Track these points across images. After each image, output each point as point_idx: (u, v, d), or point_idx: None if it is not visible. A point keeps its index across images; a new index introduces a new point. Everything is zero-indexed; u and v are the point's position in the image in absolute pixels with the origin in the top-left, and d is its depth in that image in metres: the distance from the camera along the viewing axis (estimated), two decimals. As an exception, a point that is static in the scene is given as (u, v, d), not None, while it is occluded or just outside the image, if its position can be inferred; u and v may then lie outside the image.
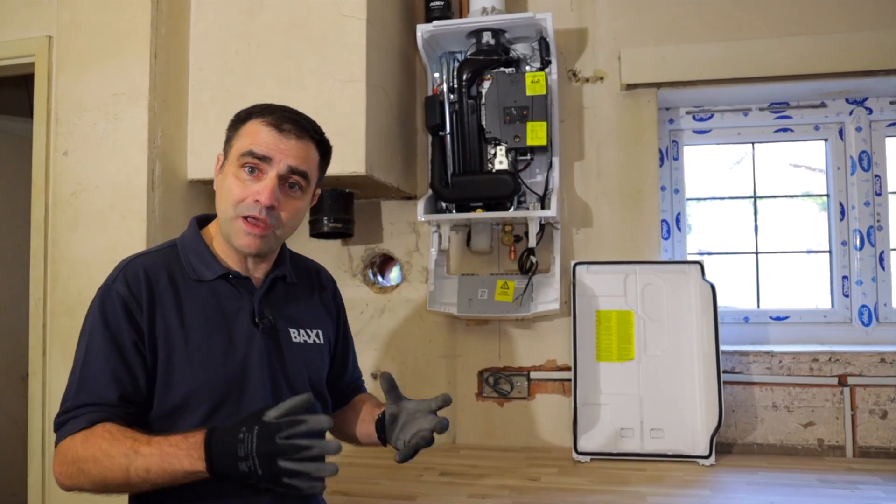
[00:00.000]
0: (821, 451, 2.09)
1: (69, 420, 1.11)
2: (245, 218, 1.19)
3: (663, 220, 2.39)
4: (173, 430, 1.11)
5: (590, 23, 2.31)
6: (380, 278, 2.49)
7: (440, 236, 2.21)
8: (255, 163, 1.20)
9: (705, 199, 2.52)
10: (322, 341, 1.37)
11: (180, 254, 1.25)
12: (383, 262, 2.51)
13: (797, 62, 2.12)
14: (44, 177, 2.01)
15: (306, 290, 1.40)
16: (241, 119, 1.26)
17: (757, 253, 2.45)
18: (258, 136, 1.20)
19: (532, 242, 2.10)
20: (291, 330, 1.31)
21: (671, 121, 2.43)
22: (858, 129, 2.32)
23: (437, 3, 2.22)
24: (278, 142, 1.20)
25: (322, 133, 1.29)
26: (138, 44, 1.94)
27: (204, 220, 1.34)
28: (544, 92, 2.02)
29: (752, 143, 2.46)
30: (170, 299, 1.19)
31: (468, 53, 2.13)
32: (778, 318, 2.36)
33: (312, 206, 1.39)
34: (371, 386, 2.39)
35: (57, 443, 1.12)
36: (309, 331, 1.34)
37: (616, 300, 2.14)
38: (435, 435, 1.23)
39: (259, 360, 1.22)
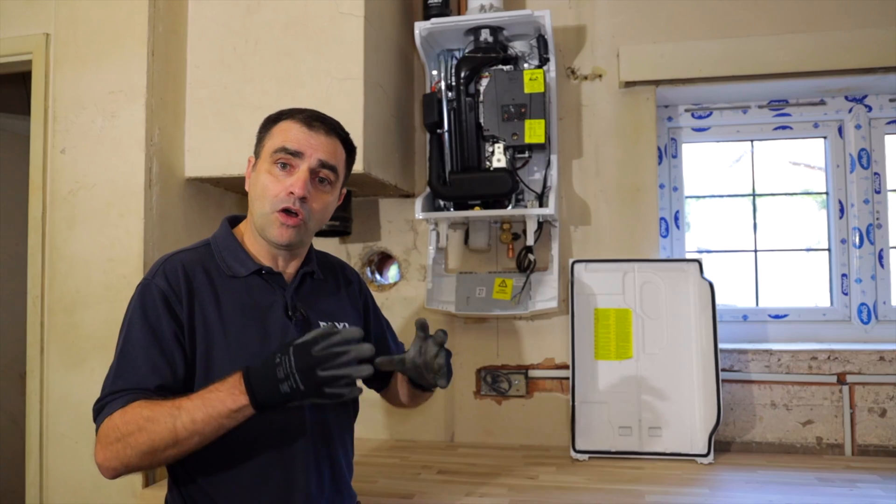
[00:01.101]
0: (819, 449, 2.09)
1: (106, 405, 1.14)
2: (281, 211, 1.25)
3: (662, 218, 2.38)
4: None
5: (588, 20, 2.30)
6: (378, 276, 2.49)
7: (438, 234, 2.21)
8: (288, 158, 1.26)
9: (704, 197, 2.51)
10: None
11: (214, 252, 1.30)
12: (381, 260, 2.50)
13: (796, 59, 2.11)
14: (41, 174, 2.00)
15: (333, 285, 1.46)
16: (271, 121, 1.32)
17: (756, 251, 2.45)
18: (289, 133, 1.27)
19: (530, 240, 2.10)
20: (321, 322, 1.35)
21: (670, 118, 2.43)
22: (858, 127, 2.32)
23: (435, 0, 2.21)
24: (308, 137, 1.27)
25: (347, 133, 1.37)
26: (136, 41, 1.93)
27: (234, 220, 1.39)
28: (542, 89, 2.02)
29: (752, 141, 2.46)
30: (208, 293, 1.24)
31: (466, 51, 2.13)
32: (777, 317, 2.35)
33: (339, 204, 1.42)
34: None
35: (97, 430, 1.14)
36: (337, 323, 1.39)
37: (614, 298, 2.13)
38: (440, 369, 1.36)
39: None
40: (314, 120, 1.29)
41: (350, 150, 1.38)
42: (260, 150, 1.31)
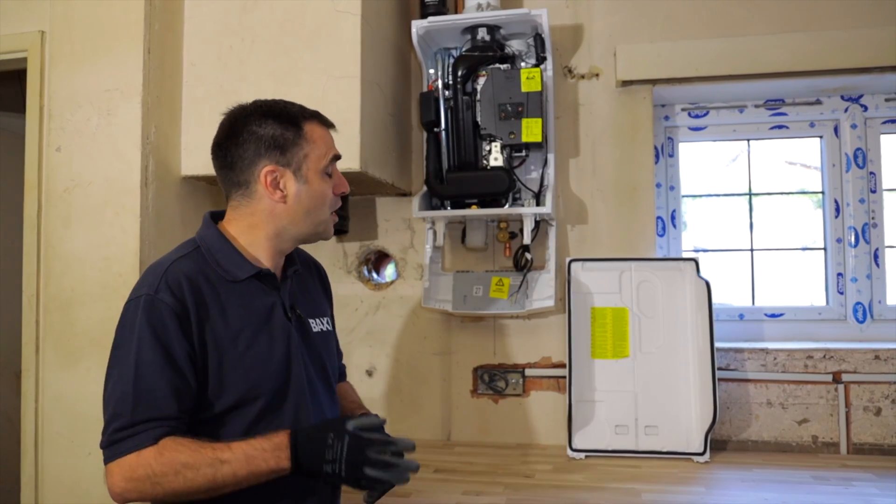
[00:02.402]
0: (815, 447, 2.09)
1: (130, 436, 1.09)
2: (334, 211, 1.30)
3: (658, 217, 2.38)
4: (226, 430, 1.17)
5: (585, 19, 2.30)
6: (375, 275, 2.48)
7: (435, 233, 2.20)
8: (335, 164, 1.29)
9: (700, 196, 2.51)
10: (330, 328, 1.43)
11: (206, 255, 1.24)
12: (378, 259, 2.50)
13: (793, 59, 2.12)
14: (36, 173, 1.99)
15: (309, 278, 1.44)
16: (289, 123, 1.24)
17: (752, 250, 2.45)
18: (327, 138, 1.29)
19: (527, 239, 2.10)
20: (311, 320, 1.35)
21: (666, 117, 2.43)
22: (853, 127, 2.32)
23: (433, -2, 2.21)
24: (332, 137, 1.31)
25: None
26: (132, 39, 1.92)
27: (214, 216, 1.33)
28: (539, 88, 2.02)
29: (748, 140, 2.46)
30: (214, 304, 1.19)
31: (463, 49, 2.13)
32: (773, 316, 2.36)
33: None
34: (366, 383, 2.39)
35: (112, 458, 1.09)
36: (321, 319, 1.38)
37: (611, 297, 2.14)
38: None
39: (296, 353, 1.26)
40: (327, 119, 1.32)
41: None
42: (301, 160, 1.23)
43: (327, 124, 1.31)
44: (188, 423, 1.15)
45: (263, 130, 1.23)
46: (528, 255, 2.21)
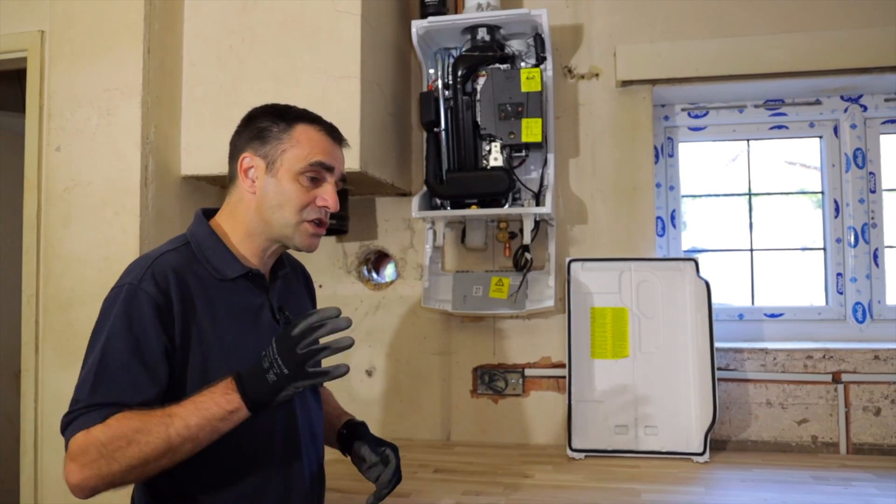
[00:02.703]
0: (815, 447, 2.09)
1: (79, 416, 1.07)
2: (311, 221, 1.23)
3: (658, 217, 2.38)
4: None
5: (585, 19, 2.30)
6: (374, 275, 2.48)
7: (435, 233, 2.20)
8: (321, 172, 1.23)
9: (700, 196, 2.52)
10: None
11: (196, 252, 1.23)
12: (378, 259, 2.50)
13: (792, 59, 2.12)
14: (36, 172, 2.00)
15: (295, 282, 1.43)
16: (282, 120, 1.24)
17: (752, 250, 2.45)
18: (319, 143, 1.23)
19: (527, 239, 2.10)
20: None
21: (666, 117, 2.43)
22: (853, 127, 2.32)
23: (433, -2, 2.21)
24: (335, 150, 1.26)
25: None
26: (131, 39, 1.92)
27: (206, 213, 1.32)
28: (539, 88, 2.02)
29: (748, 140, 2.46)
30: (201, 299, 1.17)
31: (463, 50, 2.13)
32: (772, 316, 2.36)
33: None
34: (366, 383, 2.39)
35: (67, 442, 1.07)
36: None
37: (611, 297, 2.14)
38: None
39: None
40: (336, 132, 1.28)
41: None
42: (277, 155, 1.22)
43: (333, 135, 1.26)
44: None
45: (256, 122, 1.25)
46: (528, 255, 2.21)
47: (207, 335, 1.16)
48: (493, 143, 2.07)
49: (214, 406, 1.04)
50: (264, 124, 1.24)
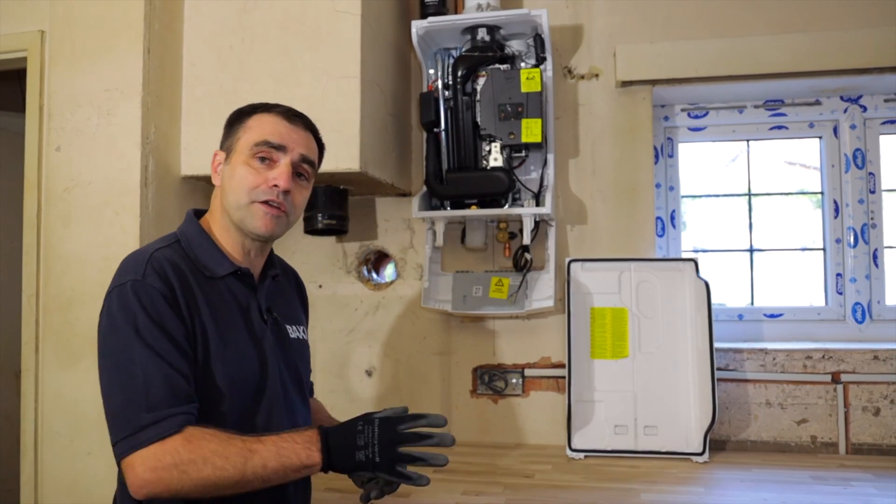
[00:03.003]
0: (814, 447, 2.09)
1: (152, 424, 1.04)
2: (262, 202, 1.21)
3: (658, 218, 2.39)
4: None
5: (585, 19, 2.30)
6: (374, 275, 2.49)
7: (435, 233, 2.21)
8: (269, 152, 1.22)
9: (700, 196, 2.52)
10: (306, 337, 1.41)
11: (186, 250, 1.22)
12: (378, 259, 2.50)
13: (792, 59, 2.12)
14: (36, 172, 1.99)
15: (287, 286, 1.43)
16: (244, 113, 1.27)
17: (751, 250, 2.46)
18: (269, 125, 1.23)
19: (527, 239, 2.10)
20: (288, 326, 1.32)
21: (666, 118, 2.43)
22: (853, 127, 2.32)
23: (433, -1, 2.21)
24: (290, 131, 1.24)
25: (318, 132, 1.34)
26: (131, 39, 1.92)
27: (197, 213, 1.32)
28: (539, 89, 2.02)
29: (747, 141, 2.46)
30: (200, 294, 1.17)
31: (463, 50, 2.13)
32: (772, 316, 2.36)
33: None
34: (365, 383, 2.39)
35: (132, 450, 1.03)
36: (298, 326, 1.37)
37: (610, 297, 2.14)
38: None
39: (271, 356, 1.24)
40: (293, 115, 1.27)
41: (321, 147, 1.35)
42: (233, 144, 1.25)
43: (288, 118, 1.25)
44: (197, 407, 1.11)
45: (228, 122, 1.30)
46: (528, 256, 2.21)
47: (208, 332, 1.16)
48: (493, 144, 2.08)
49: (295, 457, 1.06)
50: (231, 120, 1.29)
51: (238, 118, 1.28)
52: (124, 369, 1.07)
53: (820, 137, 2.39)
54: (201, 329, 1.15)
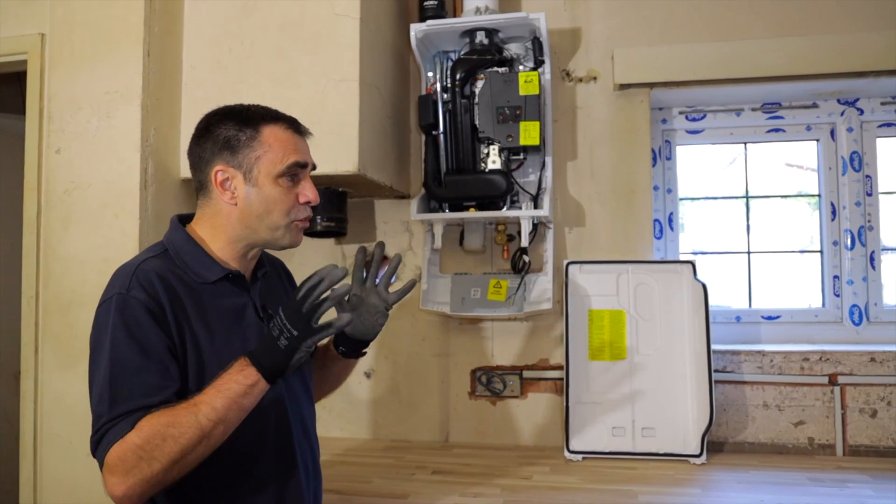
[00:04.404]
0: (811, 449, 2.10)
1: (108, 430, 1.07)
2: (300, 220, 1.26)
3: (656, 220, 2.39)
4: None
5: (583, 22, 2.31)
6: (373, 277, 2.49)
7: (433, 235, 2.21)
8: (297, 171, 1.24)
9: (698, 198, 2.52)
10: None
11: (175, 258, 1.24)
12: (377, 261, 2.50)
13: (789, 63, 2.13)
14: (36, 174, 2.00)
15: (276, 280, 1.44)
16: (247, 125, 1.23)
17: (749, 253, 2.46)
18: (290, 143, 1.24)
19: (525, 242, 2.11)
20: None
21: (664, 120, 2.44)
22: (850, 130, 2.33)
23: (431, 2, 2.22)
24: (303, 144, 1.28)
25: None
26: (131, 42, 1.93)
27: (182, 218, 1.33)
28: (537, 91, 2.03)
29: (745, 144, 2.47)
30: (189, 303, 1.19)
31: (462, 53, 2.14)
32: (769, 318, 2.37)
33: None
34: (364, 385, 2.39)
35: (102, 457, 1.07)
36: None
37: (608, 299, 2.14)
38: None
39: None
40: (298, 125, 1.28)
41: None
42: (253, 162, 1.22)
43: (297, 129, 1.27)
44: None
45: (219, 130, 1.24)
46: (526, 258, 2.21)
47: (200, 338, 1.18)
48: (492, 146, 2.08)
49: (234, 384, 1.07)
50: (229, 133, 1.23)
51: (241, 131, 1.23)
52: (97, 383, 1.12)
53: (817, 140, 2.40)
54: (192, 336, 1.17)
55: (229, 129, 1.24)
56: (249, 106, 1.27)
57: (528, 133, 2.03)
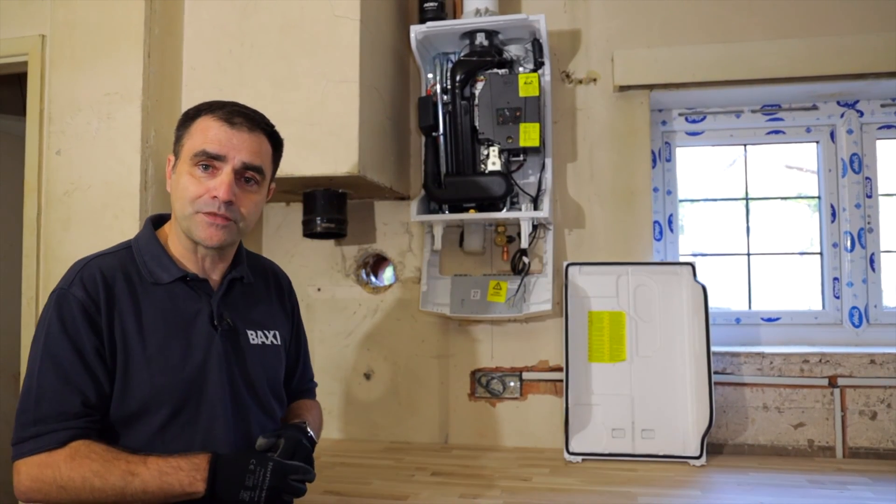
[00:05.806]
0: (811, 451, 2.10)
1: (34, 437, 1.09)
2: (205, 213, 1.20)
3: (655, 222, 2.40)
4: (128, 439, 1.15)
5: (583, 24, 2.31)
6: (373, 278, 2.49)
7: (433, 237, 2.21)
8: (209, 161, 1.20)
9: (698, 200, 2.53)
10: (279, 342, 1.38)
11: (136, 256, 1.23)
12: (376, 263, 2.51)
13: (789, 65, 2.13)
14: (37, 176, 2.00)
15: (263, 290, 1.40)
16: (190, 117, 1.25)
17: (749, 254, 2.46)
18: (209, 132, 1.21)
19: (525, 243, 2.11)
20: (249, 332, 1.31)
21: (664, 122, 2.44)
22: (850, 132, 2.33)
23: (431, 4, 2.22)
24: (230, 137, 1.21)
25: (272, 126, 1.30)
26: (132, 43, 1.93)
27: (158, 219, 1.33)
28: (537, 93, 2.03)
29: (745, 145, 2.47)
30: (127, 303, 1.18)
31: (462, 54, 2.14)
32: (769, 320, 2.37)
33: (268, 200, 1.38)
34: (364, 386, 2.40)
35: (18, 457, 1.09)
36: (266, 332, 1.35)
37: (608, 301, 2.14)
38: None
39: (218, 363, 1.23)
40: (235, 116, 1.22)
41: (276, 143, 1.31)
42: (179, 150, 1.23)
43: (232, 123, 1.22)
44: (97, 420, 1.13)
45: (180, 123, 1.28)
46: (526, 259, 2.21)
47: (130, 339, 1.17)
48: (491, 148, 2.08)
49: (177, 483, 1.07)
50: (181, 122, 1.27)
51: (185, 121, 1.25)
52: (28, 378, 1.13)
53: (817, 142, 2.40)
54: (122, 338, 1.16)
55: (183, 120, 1.27)
56: (221, 101, 1.27)
57: (528, 134, 2.03)
